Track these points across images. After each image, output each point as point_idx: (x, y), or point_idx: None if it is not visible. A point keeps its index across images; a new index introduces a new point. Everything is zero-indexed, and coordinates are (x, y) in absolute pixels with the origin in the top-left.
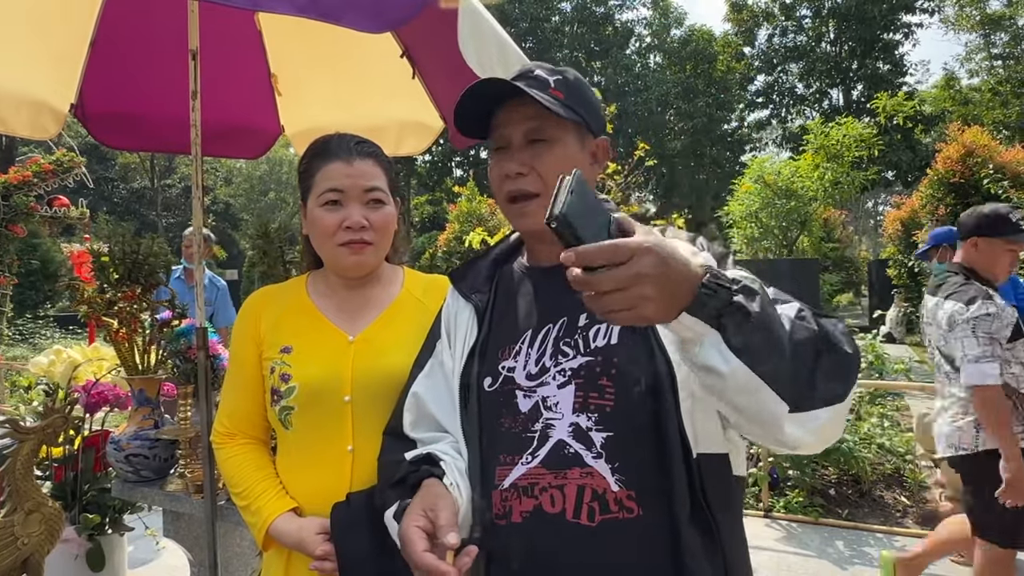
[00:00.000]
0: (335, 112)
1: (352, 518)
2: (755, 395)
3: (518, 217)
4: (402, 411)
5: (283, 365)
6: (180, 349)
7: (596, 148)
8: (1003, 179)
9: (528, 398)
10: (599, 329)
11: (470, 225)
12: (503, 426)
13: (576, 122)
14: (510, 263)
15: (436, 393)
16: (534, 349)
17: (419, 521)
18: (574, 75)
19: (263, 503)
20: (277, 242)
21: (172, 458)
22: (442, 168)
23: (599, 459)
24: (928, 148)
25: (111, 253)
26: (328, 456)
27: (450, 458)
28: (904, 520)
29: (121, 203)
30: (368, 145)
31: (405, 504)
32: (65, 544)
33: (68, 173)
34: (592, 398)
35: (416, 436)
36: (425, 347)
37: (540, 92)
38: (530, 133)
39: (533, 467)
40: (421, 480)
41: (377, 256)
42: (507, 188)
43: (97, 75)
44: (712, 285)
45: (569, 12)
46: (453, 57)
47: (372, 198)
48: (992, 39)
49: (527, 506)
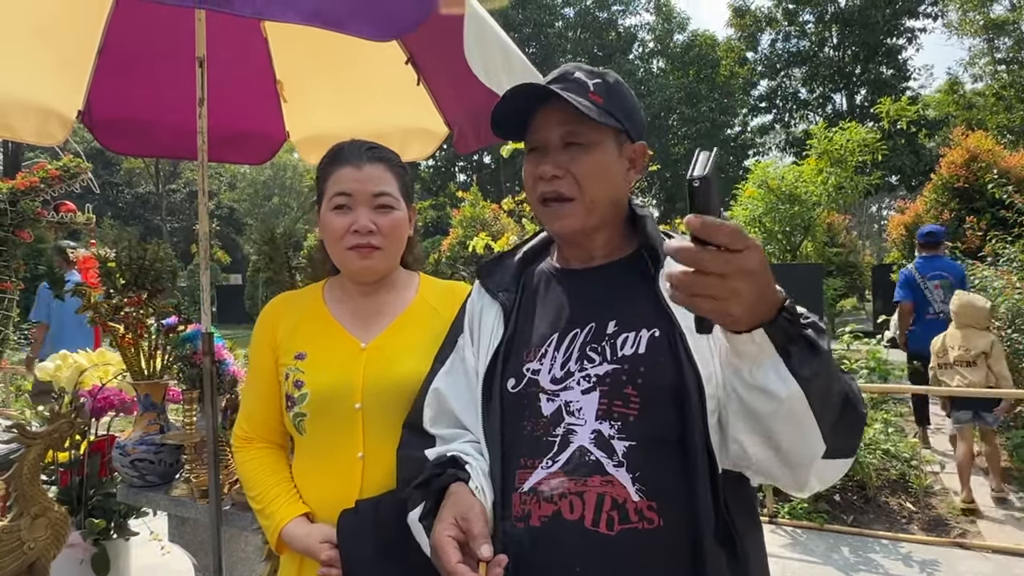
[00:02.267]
0: (340, 118)
1: (357, 525)
2: (802, 428)
3: (553, 220)
4: (422, 406)
5: (297, 372)
6: (186, 354)
7: (634, 153)
8: (1007, 184)
9: (551, 402)
10: (627, 337)
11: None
12: (525, 429)
13: (614, 127)
14: (538, 263)
15: (457, 390)
16: (560, 353)
17: (451, 531)
18: (614, 78)
19: (276, 508)
20: (283, 248)
21: (177, 463)
22: (446, 173)
23: (620, 468)
24: (932, 152)
25: (117, 258)
26: (339, 462)
27: (474, 460)
28: (909, 526)
29: (126, 208)
30: (381, 151)
31: (431, 507)
32: (71, 549)
33: (74, 179)
34: (616, 406)
35: (435, 432)
36: (447, 342)
37: (578, 97)
38: (567, 136)
39: (553, 472)
40: (447, 484)
41: (386, 261)
42: (541, 189)
43: (104, 82)
44: (791, 310)
45: (572, 17)
46: (457, 63)
47: (381, 203)
48: (996, 44)
49: (546, 511)
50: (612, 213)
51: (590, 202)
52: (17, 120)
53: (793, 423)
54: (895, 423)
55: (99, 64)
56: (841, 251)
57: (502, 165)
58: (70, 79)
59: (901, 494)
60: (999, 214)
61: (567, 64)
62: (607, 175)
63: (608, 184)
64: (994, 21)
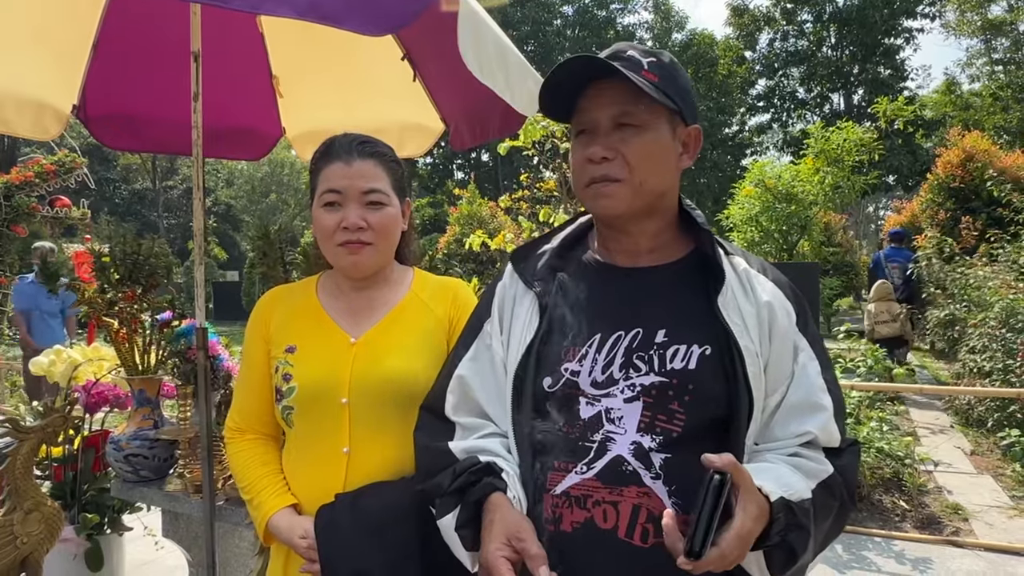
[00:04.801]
0: (336, 114)
1: (333, 520)
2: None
3: (595, 198)
4: (444, 391)
5: (286, 365)
6: (180, 349)
7: (688, 137)
8: (1004, 183)
9: (591, 406)
10: (678, 350)
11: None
12: (560, 430)
13: (669, 107)
14: (576, 252)
15: (482, 379)
16: (602, 356)
17: (504, 551)
18: (669, 58)
19: (264, 498)
20: (277, 244)
21: (171, 458)
22: (443, 170)
23: (657, 480)
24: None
25: (112, 253)
26: (324, 457)
27: (508, 466)
28: (903, 524)
29: (122, 204)
30: (372, 145)
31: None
32: (64, 544)
33: (70, 174)
34: (660, 420)
35: (457, 420)
36: (470, 325)
37: (633, 73)
38: (619, 117)
39: (588, 478)
40: (485, 495)
41: (377, 257)
42: (590, 173)
43: (99, 76)
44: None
45: (571, 16)
46: (454, 60)
47: (371, 200)
48: (993, 44)
49: (579, 517)
50: (661, 202)
51: (639, 184)
52: (11, 114)
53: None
54: (890, 421)
55: (94, 58)
56: (838, 250)
57: (499, 163)
58: (65, 73)
59: (895, 492)
60: (995, 214)
61: (620, 43)
62: (660, 158)
63: (660, 168)
64: (992, 22)
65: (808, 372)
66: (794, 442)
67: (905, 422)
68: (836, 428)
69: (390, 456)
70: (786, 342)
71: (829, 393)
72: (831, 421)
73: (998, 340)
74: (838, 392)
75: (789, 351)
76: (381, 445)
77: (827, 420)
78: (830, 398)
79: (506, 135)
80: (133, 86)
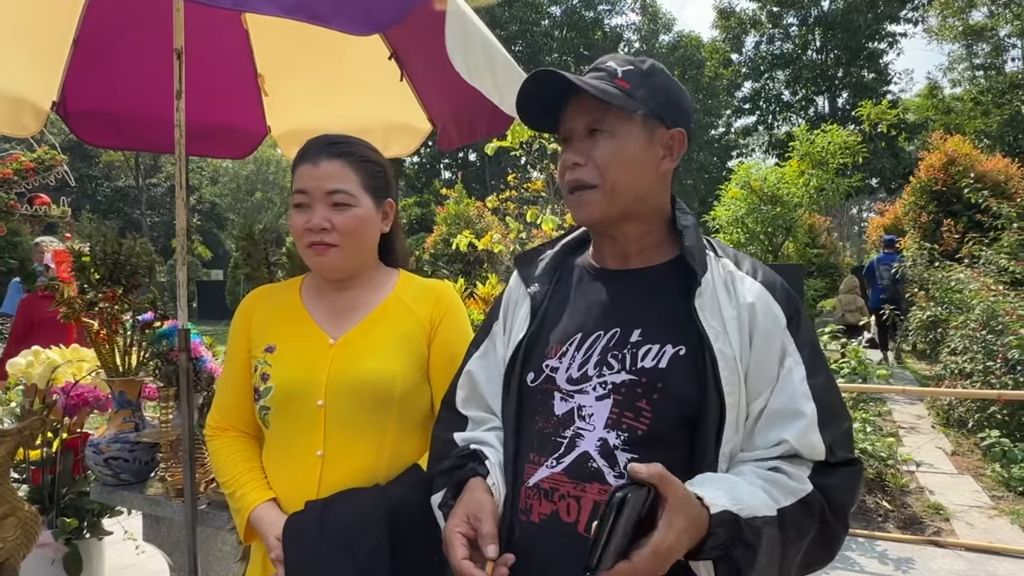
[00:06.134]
0: (322, 113)
1: (300, 529)
2: None
3: (574, 208)
4: (456, 386)
5: (265, 365)
6: (162, 351)
7: (671, 140)
8: (983, 188)
9: (565, 402)
10: (650, 349)
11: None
12: (537, 424)
13: (640, 113)
14: (577, 257)
15: (488, 374)
16: (580, 353)
17: (462, 527)
18: (651, 64)
19: (245, 492)
20: (262, 244)
21: (152, 461)
22: (430, 170)
23: (620, 479)
24: (911, 156)
25: (92, 253)
26: (299, 459)
27: (494, 455)
28: (885, 524)
29: (105, 201)
30: (342, 146)
31: (451, 496)
32: (41, 549)
33: (49, 171)
34: (626, 417)
35: (467, 413)
36: (483, 327)
37: (603, 84)
38: (591, 124)
39: (556, 472)
40: (467, 478)
41: (343, 259)
42: (567, 178)
43: (80, 73)
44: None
45: (559, 16)
46: (441, 60)
47: (336, 201)
48: (974, 49)
49: (546, 509)
50: (641, 206)
51: (611, 189)
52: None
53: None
54: (872, 422)
55: (75, 54)
56: (822, 252)
57: (487, 163)
58: (45, 69)
59: (877, 492)
60: (976, 218)
61: (606, 55)
62: (631, 161)
63: (631, 171)
64: (973, 27)
65: (792, 377)
66: (772, 452)
67: (888, 423)
68: (817, 438)
69: (364, 462)
70: (770, 345)
71: (813, 399)
72: (811, 430)
73: (979, 342)
74: (827, 399)
75: (775, 355)
76: (355, 450)
77: (806, 428)
78: (812, 405)
79: (494, 135)
80: (115, 83)
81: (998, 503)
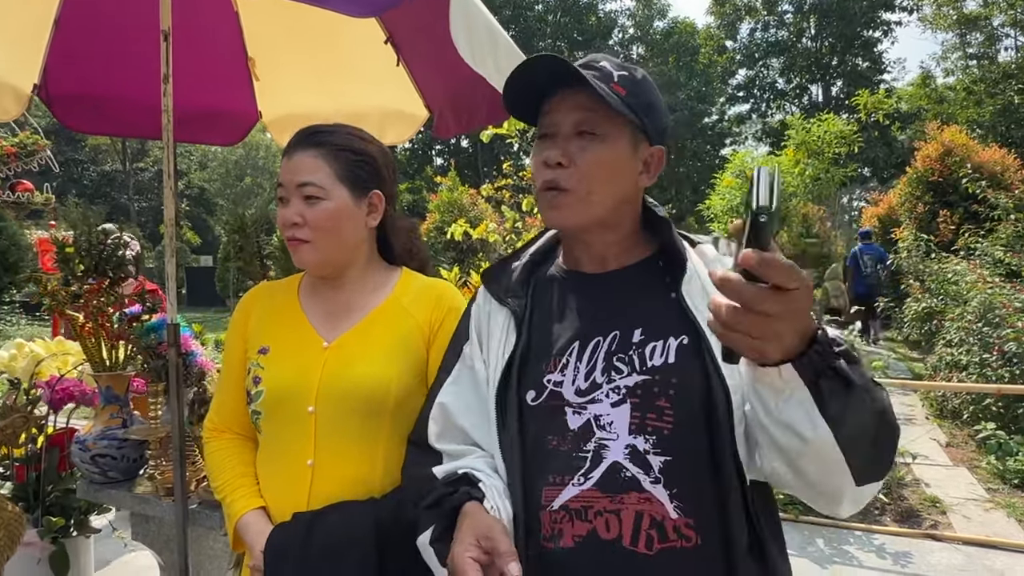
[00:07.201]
0: (315, 98)
1: (283, 543)
2: (830, 468)
3: (547, 209)
4: (427, 421)
5: (257, 367)
6: (150, 345)
7: (650, 157)
8: (981, 178)
9: (578, 415)
10: (655, 346)
11: (451, 215)
12: (550, 443)
13: (633, 123)
14: (547, 265)
15: (465, 403)
16: (582, 363)
17: (472, 552)
18: (642, 75)
19: (236, 498)
20: (254, 236)
21: (141, 459)
22: (423, 156)
23: (657, 484)
24: (904, 145)
25: (76, 243)
26: (288, 468)
27: (487, 478)
28: (883, 518)
29: (91, 186)
30: (321, 135)
31: (443, 529)
32: (27, 548)
33: (32, 156)
34: (650, 419)
35: (442, 448)
36: (450, 352)
37: (602, 84)
38: (581, 124)
39: (586, 489)
40: (460, 503)
41: (318, 255)
42: (544, 176)
43: (61, 55)
44: (824, 342)
45: (552, 1)
46: (439, 45)
47: (306, 194)
48: (968, 39)
49: (580, 530)
50: (618, 215)
51: (587, 196)
52: None
53: (821, 463)
54: None
55: (56, 36)
56: (816, 241)
57: (480, 149)
58: (24, 50)
59: None
60: (972, 208)
61: (595, 53)
62: (615, 173)
63: (614, 183)
64: (967, 16)
65: None
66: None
67: None
68: None
69: (357, 472)
70: None
71: None
72: None
73: (975, 334)
74: None
75: None
76: (347, 459)
77: None
78: None
79: (493, 123)
80: (98, 65)
81: (994, 496)
